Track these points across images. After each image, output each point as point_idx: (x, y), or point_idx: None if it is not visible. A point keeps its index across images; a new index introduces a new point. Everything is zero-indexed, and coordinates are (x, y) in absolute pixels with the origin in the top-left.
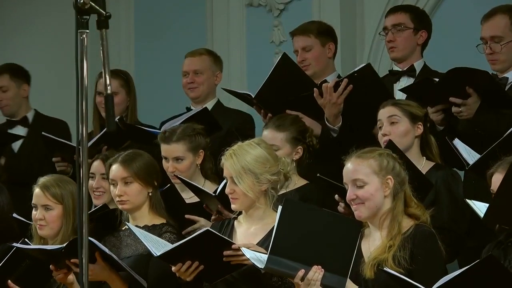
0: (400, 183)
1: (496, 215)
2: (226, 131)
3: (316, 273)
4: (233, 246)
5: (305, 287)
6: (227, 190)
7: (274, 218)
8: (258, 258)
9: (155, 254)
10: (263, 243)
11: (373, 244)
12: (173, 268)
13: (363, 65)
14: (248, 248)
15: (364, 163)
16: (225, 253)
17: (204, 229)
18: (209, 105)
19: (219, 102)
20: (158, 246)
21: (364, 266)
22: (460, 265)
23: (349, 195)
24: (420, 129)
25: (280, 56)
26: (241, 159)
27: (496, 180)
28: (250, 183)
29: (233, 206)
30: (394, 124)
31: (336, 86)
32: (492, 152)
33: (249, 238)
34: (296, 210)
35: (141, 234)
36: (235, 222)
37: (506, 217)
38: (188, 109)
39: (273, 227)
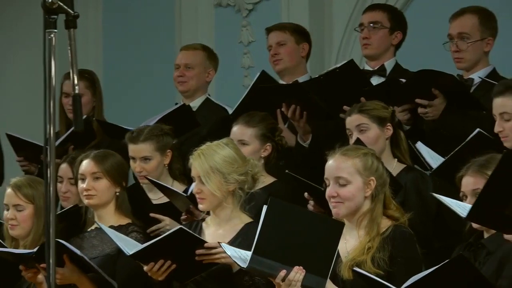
0: (381, 184)
1: (479, 214)
2: (209, 128)
3: (297, 273)
4: (205, 245)
5: (285, 287)
6: (194, 190)
7: (242, 219)
8: (240, 256)
9: (127, 253)
10: (231, 244)
11: (349, 243)
12: (145, 268)
13: (346, 61)
14: (216, 247)
15: (348, 161)
16: (198, 251)
17: (177, 227)
18: (198, 101)
19: (208, 99)
20: (129, 245)
21: (342, 266)
22: (426, 266)
23: (330, 192)
24: (389, 130)
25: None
26: (209, 159)
27: (466, 183)
28: (217, 183)
29: (200, 206)
30: (363, 132)
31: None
32: (455, 155)
33: (218, 239)
34: (281, 210)
35: (111, 233)
36: (203, 224)
37: (487, 218)
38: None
39: (241, 228)
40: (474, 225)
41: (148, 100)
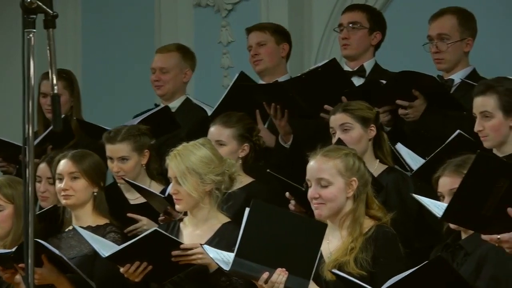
0: (363, 184)
1: (455, 215)
2: (189, 128)
3: (280, 275)
4: (181, 246)
5: None
6: (171, 191)
7: (219, 219)
8: (223, 259)
9: (103, 255)
10: (209, 245)
11: (332, 243)
12: (121, 269)
13: (328, 60)
14: (195, 247)
15: (330, 162)
16: (174, 253)
17: (152, 229)
18: (177, 102)
19: (187, 100)
20: (105, 247)
21: (325, 267)
22: (408, 266)
23: (312, 193)
24: (373, 131)
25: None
26: (186, 160)
27: (443, 183)
28: (194, 183)
29: (177, 207)
30: (346, 132)
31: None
32: (436, 157)
33: (195, 240)
34: (263, 211)
35: (87, 235)
36: (181, 224)
37: (463, 218)
38: (157, 106)
39: (218, 228)
40: (452, 226)
41: (128, 100)
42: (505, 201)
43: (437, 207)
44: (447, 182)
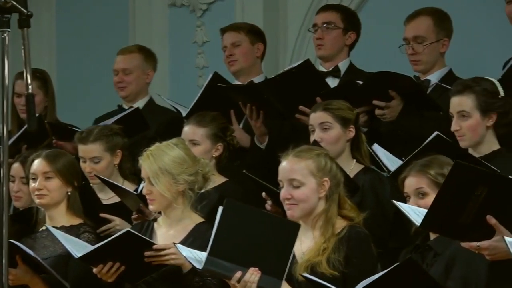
0: (335, 185)
1: (433, 222)
2: (156, 129)
3: (253, 275)
4: (154, 247)
5: None
6: (144, 191)
7: (193, 219)
8: (196, 257)
9: (75, 256)
10: (183, 245)
11: (305, 244)
12: (94, 270)
13: (302, 61)
14: (168, 248)
15: (301, 163)
16: (146, 253)
17: (125, 229)
18: (140, 103)
19: (151, 100)
20: (78, 247)
21: (297, 268)
22: (382, 266)
23: (284, 194)
24: (352, 132)
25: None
26: (158, 160)
27: (409, 183)
28: (166, 183)
29: (150, 207)
30: (325, 130)
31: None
32: (413, 158)
33: (169, 240)
34: (236, 211)
35: (60, 235)
36: (155, 224)
37: (441, 226)
38: (119, 107)
39: (192, 228)
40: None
41: (102, 100)
42: (483, 209)
43: (417, 214)
44: (413, 183)
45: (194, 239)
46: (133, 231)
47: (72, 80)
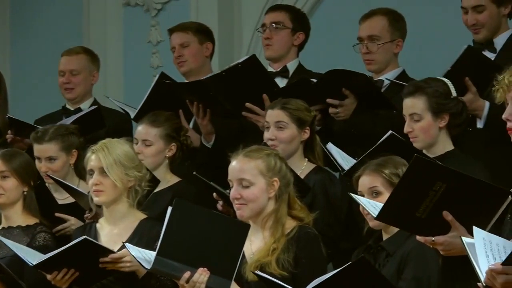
0: (285, 185)
1: (389, 215)
2: (105, 131)
3: (202, 275)
4: (110, 256)
5: None
6: (93, 181)
7: (136, 216)
8: (145, 257)
9: (30, 264)
10: (129, 243)
11: (255, 244)
12: (48, 277)
13: (248, 56)
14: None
15: (251, 163)
16: (102, 260)
17: (82, 237)
18: (86, 104)
19: (95, 102)
20: (31, 255)
21: (247, 268)
22: (334, 267)
23: (233, 194)
24: (306, 133)
25: (157, 76)
26: (113, 152)
27: (363, 182)
28: (120, 174)
29: (96, 199)
30: (281, 129)
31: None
32: (367, 157)
33: (114, 239)
34: (186, 211)
35: (12, 245)
36: (97, 225)
37: (397, 219)
38: (64, 108)
39: (137, 225)
40: (371, 224)
41: (56, 99)
42: (440, 205)
43: (374, 207)
44: (367, 181)
45: (140, 237)
46: (90, 239)
47: (25, 79)
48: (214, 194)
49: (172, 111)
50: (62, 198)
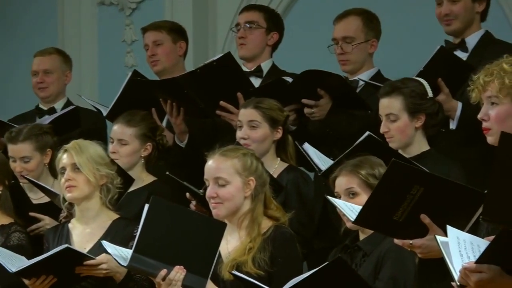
0: (261, 184)
1: (367, 218)
2: (80, 130)
3: (178, 273)
4: (87, 262)
5: (166, 287)
6: (65, 178)
7: (109, 216)
8: (121, 255)
9: (10, 271)
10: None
11: (231, 244)
12: (27, 282)
13: (222, 54)
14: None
15: (227, 162)
16: (78, 268)
17: (64, 246)
18: (59, 104)
19: (69, 102)
20: (12, 261)
21: (223, 267)
22: (309, 266)
23: (210, 192)
24: (279, 133)
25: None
26: (85, 150)
27: (339, 183)
28: (93, 169)
29: (69, 195)
30: (253, 129)
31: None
32: (345, 157)
33: (86, 238)
34: (162, 209)
35: None
36: (69, 225)
37: (375, 222)
38: (38, 108)
39: (109, 225)
40: (349, 225)
41: (32, 99)
42: (418, 208)
43: (351, 210)
44: (344, 182)
45: (113, 236)
46: (72, 247)
47: (0, 78)
48: (187, 194)
49: (145, 109)
50: (37, 197)
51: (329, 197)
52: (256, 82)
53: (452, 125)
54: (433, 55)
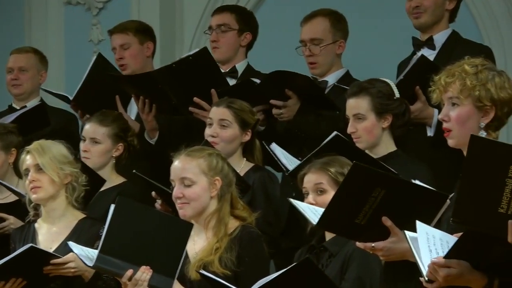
0: (227, 184)
1: (329, 222)
2: (51, 130)
3: (144, 273)
4: (53, 261)
5: (132, 287)
6: (29, 179)
7: (75, 215)
8: (87, 255)
9: None
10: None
11: (198, 244)
12: None
13: (199, 49)
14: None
15: (193, 162)
16: (46, 268)
17: (28, 246)
18: (32, 103)
19: (42, 101)
20: None
21: (190, 267)
22: (276, 265)
23: (176, 193)
24: (248, 136)
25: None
26: (48, 151)
27: (308, 179)
28: (56, 169)
29: (34, 196)
30: (223, 128)
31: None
32: (312, 157)
33: (52, 237)
34: (129, 209)
35: None
36: (35, 225)
37: (337, 225)
38: (10, 107)
39: (76, 224)
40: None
41: (2, 98)
42: (379, 210)
43: (313, 213)
44: (313, 178)
45: (79, 236)
46: (36, 246)
47: None
48: (153, 192)
49: (109, 96)
50: (2, 197)
51: (292, 200)
52: (231, 82)
53: (430, 132)
54: (413, 63)
